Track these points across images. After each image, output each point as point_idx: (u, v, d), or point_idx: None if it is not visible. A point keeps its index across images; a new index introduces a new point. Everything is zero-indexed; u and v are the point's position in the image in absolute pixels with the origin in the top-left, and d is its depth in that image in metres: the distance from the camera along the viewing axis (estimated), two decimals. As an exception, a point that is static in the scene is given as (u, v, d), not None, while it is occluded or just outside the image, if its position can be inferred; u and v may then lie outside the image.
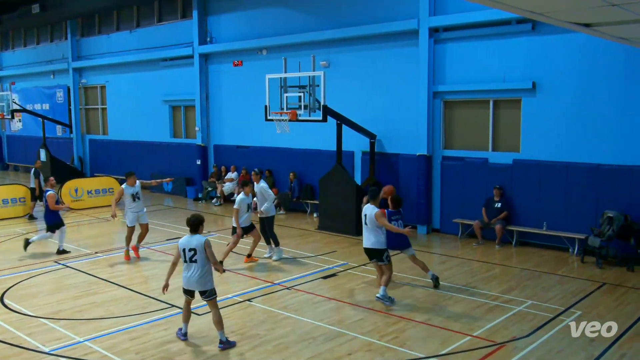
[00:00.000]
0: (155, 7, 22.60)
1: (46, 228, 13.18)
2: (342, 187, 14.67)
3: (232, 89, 20.02)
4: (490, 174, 13.95)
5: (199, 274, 7.67)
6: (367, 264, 11.87)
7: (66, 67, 26.97)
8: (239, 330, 8.29)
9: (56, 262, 12.16)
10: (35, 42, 29.70)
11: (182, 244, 7.75)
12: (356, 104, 16.05)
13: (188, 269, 7.73)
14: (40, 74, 29.15)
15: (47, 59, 28.48)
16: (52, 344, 7.85)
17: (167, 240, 14.22)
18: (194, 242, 7.67)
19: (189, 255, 7.66)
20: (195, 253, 7.63)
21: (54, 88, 28.23)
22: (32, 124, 29.41)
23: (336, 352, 7.56)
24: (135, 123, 24.13)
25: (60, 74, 27.87)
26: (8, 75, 31.48)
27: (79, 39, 26.60)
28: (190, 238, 7.73)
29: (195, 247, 7.63)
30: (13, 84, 30.84)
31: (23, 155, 31.12)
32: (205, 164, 21.15)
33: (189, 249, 7.66)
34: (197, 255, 7.63)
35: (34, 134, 29.08)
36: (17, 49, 31.13)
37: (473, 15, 13.65)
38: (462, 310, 9.15)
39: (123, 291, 10.19)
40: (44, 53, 28.88)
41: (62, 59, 27.39)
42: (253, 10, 18.94)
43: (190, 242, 7.69)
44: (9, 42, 31.72)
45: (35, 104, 29.27)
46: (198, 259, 7.64)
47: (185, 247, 7.68)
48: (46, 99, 28.80)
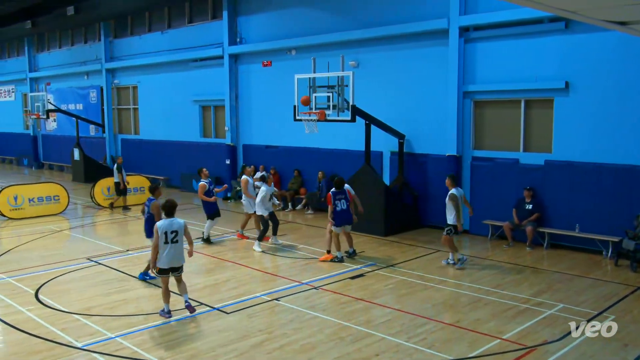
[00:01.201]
0: (186, 8, 22.86)
1: (207, 217, 13.94)
2: (370, 187, 14.63)
3: (261, 89, 20.14)
4: (521, 174, 13.74)
5: (180, 251, 8.77)
6: (396, 264, 11.85)
7: (99, 67, 27.45)
8: (266, 329, 8.33)
9: (89, 259, 12.39)
10: (70, 43, 30.28)
11: (163, 227, 8.64)
12: (385, 104, 15.99)
13: (172, 248, 8.62)
14: (74, 74, 29.71)
15: (81, 60, 29.04)
16: (84, 340, 8.00)
17: (197, 239, 14.35)
18: (175, 225, 8.70)
19: (171, 237, 8.62)
20: (177, 234, 8.67)
21: (87, 88, 28.75)
22: (66, 124, 30.02)
23: (364, 352, 7.54)
24: (166, 123, 24.45)
25: (93, 75, 28.38)
26: (44, 76, 32.18)
27: (112, 40, 27.06)
28: (171, 222, 8.71)
29: (177, 229, 8.68)
30: (48, 85, 31.48)
31: (57, 155, 31.78)
32: (235, 164, 21.30)
33: (170, 231, 8.62)
34: (178, 236, 8.69)
35: (68, 134, 29.67)
36: (52, 50, 31.80)
37: (504, 14, 13.47)
38: (492, 312, 9.03)
39: (153, 288, 10.33)
40: (78, 54, 29.45)
41: (95, 60, 27.89)
42: (282, 11, 19.02)
43: (172, 225, 8.68)
44: (44, 44, 32.42)
45: (70, 104, 29.84)
46: (179, 239, 8.71)
47: (167, 230, 8.61)
48: (80, 99, 29.34)
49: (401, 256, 12.60)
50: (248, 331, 8.27)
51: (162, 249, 8.59)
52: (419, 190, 15.70)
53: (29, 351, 7.63)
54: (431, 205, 15.47)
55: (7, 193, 17.42)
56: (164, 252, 8.59)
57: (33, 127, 33.63)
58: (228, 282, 10.72)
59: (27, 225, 16.35)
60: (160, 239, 8.57)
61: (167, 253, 8.59)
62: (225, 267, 11.81)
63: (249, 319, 8.79)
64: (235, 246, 13.68)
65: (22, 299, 9.80)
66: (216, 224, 14.15)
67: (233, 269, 11.67)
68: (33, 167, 33.52)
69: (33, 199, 17.78)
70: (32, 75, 32.97)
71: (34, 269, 11.69)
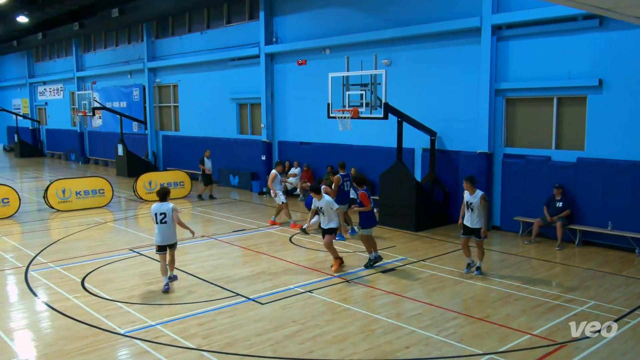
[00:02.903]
0: (224, 9, 23.04)
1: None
2: (402, 183, 14.54)
3: (296, 87, 20.19)
4: (552, 172, 13.46)
5: (169, 231, 9.83)
6: (427, 259, 11.75)
7: (142, 67, 27.92)
8: (299, 320, 8.37)
9: (131, 249, 12.63)
10: (114, 44, 30.84)
11: (154, 209, 9.89)
12: (417, 101, 15.86)
13: (161, 229, 9.77)
14: (118, 73, 30.27)
15: (125, 60, 29.57)
16: (127, 327, 8.16)
17: (234, 232, 14.52)
18: (164, 208, 9.79)
19: (160, 218, 9.75)
20: (165, 216, 9.73)
21: (130, 87, 29.27)
22: (111, 121, 30.64)
23: (394, 345, 7.51)
24: (204, 120, 24.74)
25: (136, 74, 28.87)
26: (90, 75, 32.88)
27: (154, 40, 27.47)
28: (160, 205, 9.86)
29: (165, 211, 9.74)
30: (94, 83, 32.17)
31: (102, 150, 32.49)
32: (270, 160, 21.43)
33: (160, 212, 9.78)
34: (167, 218, 9.73)
35: (113, 130, 30.29)
36: (98, 50, 32.46)
37: (537, 12, 13.18)
38: (522, 308, 8.88)
39: (192, 279, 10.48)
40: (122, 54, 29.99)
41: (138, 59, 28.37)
42: (317, 11, 19.01)
43: (160, 208, 9.82)
44: (90, 45, 33.11)
45: (114, 101, 30.44)
46: (167, 221, 9.74)
47: (157, 212, 9.81)
48: (124, 97, 29.90)
49: (432, 251, 12.49)
50: (282, 321, 8.33)
51: (156, 229, 9.87)
52: (449, 187, 15.53)
53: (76, 336, 7.83)
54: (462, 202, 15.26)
55: (55, 186, 17.88)
56: (156, 231, 9.85)
57: (80, 124, 34.42)
58: (263, 274, 10.80)
59: (74, 217, 16.76)
60: (153, 220, 9.87)
61: (158, 232, 9.81)
62: (260, 260, 11.90)
63: (283, 309, 8.84)
64: (272, 239, 13.77)
65: (69, 286, 10.05)
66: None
67: (268, 261, 11.75)
68: (80, 162, 34.32)
69: (80, 192, 18.20)
70: (80, 75, 33.71)
71: (80, 259, 11.99)
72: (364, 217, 10.87)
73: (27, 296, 9.66)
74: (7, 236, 14.32)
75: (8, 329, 8.17)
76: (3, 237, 14.21)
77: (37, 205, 18.82)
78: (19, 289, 10.10)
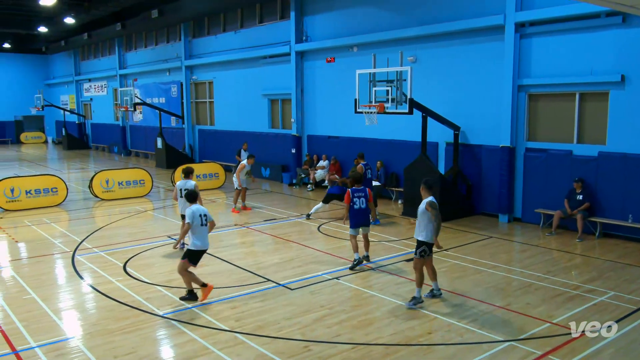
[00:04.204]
0: (257, 9, 23.09)
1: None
2: (425, 176, 14.29)
3: (325, 83, 20.14)
4: (574, 165, 13.17)
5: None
6: (449, 249, 11.65)
7: (179, 65, 28.19)
8: (327, 305, 8.39)
9: (169, 237, 12.82)
10: (154, 43, 31.21)
11: (178, 185, 11.28)
12: (441, 97, 15.67)
13: (184, 202, 10.33)
14: (157, 71, 30.64)
15: (164, 58, 29.90)
16: (165, 309, 8.30)
17: (265, 221, 14.62)
18: (188, 184, 11.03)
19: (184, 192, 10.72)
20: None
21: (169, 84, 29.61)
22: (150, 116, 31.06)
23: (417, 330, 7.48)
24: (238, 115, 24.89)
25: (174, 71, 29.18)
26: (131, 73, 33.36)
27: (191, 39, 27.70)
28: (185, 182, 11.17)
29: (188, 187, 10.70)
30: (135, 81, 32.62)
31: (143, 143, 32.99)
32: (299, 153, 21.47)
33: (184, 188, 10.97)
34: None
35: (152, 124, 30.72)
36: (138, 49, 32.89)
37: (561, 9, 12.87)
38: (542, 297, 8.74)
39: (226, 265, 10.59)
40: (161, 53, 30.34)
41: (176, 57, 28.66)
42: (345, 10, 18.91)
43: (185, 184, 11.13)
44: (132, 44, 33.57)
45: (154, 97, 30.84)
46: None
47: (181, 187, 11.11)
48: (162, 94, 30.27)
49: (454, 241, 12.38)
50: (310, 306, 8.36)
51: (180, 202, 11.20)
52: (472, 180, 15.34)
53: (118, 317, 8.00)
54: (484, 194, 15.11)
55: (100, 177, 18.24)
56: (181, 203, 11.10)
57: (122, 118, 34.98)
58: (293, 261, 10.85)
59: (117, 206, 17.09)
60: (178, 195, 11.19)
61: (182, 204, 11.02)
62: (290, 247, 11.96)
63: (312, 295, 8.88)
64: (301, 228, 13.83)
65: (112, 270, 10.27)
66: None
67: (297, 249, 11.80)
68: (122, 154, 34.92)
69: (122, 183, 18.53)
70: (122, 72, 34.23)
71: (122, 245, 12.22)
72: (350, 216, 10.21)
73: (73, 279, 9.91)
74: (55, 223, 14.68)
75: (57, 309, 8.39)
76: (52, 223, 14.58)
77: (82, 194, 19.24)
78: (67, 272, 10.35)
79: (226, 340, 7.19)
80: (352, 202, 10.04)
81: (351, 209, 10.09)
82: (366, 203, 10.17)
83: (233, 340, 7.18)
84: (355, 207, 10.06)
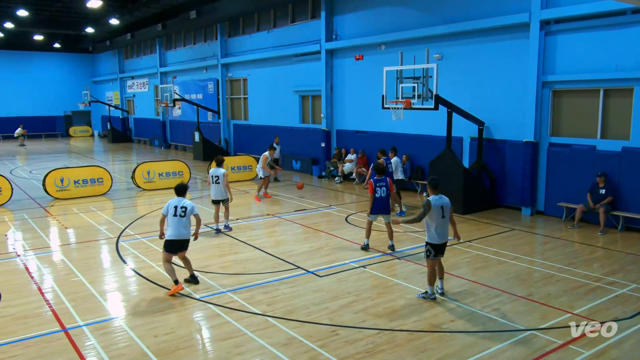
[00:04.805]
0: (289, 10, 23.08)
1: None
2: (450, 170, 14.23)
3: (353, 80, 20.04)
4: (597, 160, 12.82)
5: (220, 190, 11.90)
6: (472, 240, 11.50)
7: (216, 63, 28.43)
8: (353, 292, 8.39)
9: (206, 225, 12.96)
10: (192, 42, 31.51)
11: (211, 173, 11.95)
12: (466, 93, 15.43)
13: (215, 188, 11.86)
14: (195, 69, 30.95)
15: (201, 57, 30.18)
16: (202, 292, 8.43)
17: (295, 211, 14.68)
18: (218, 172, 11.77)
19: (214, 179, 11.85)
20: (219, 178, 11.82)
21: (206, 81, 29.89)
22: (188, 111, 31.43)
23: (440, 318, 7.43)
24: (270, 110, 24.99)
25: (211, 69, 29.43)
26: (171, 71, 33.78)
27: (227, 39, 27.88)
28: (216, 170, 11.85)
29: (219, 175, 11.76)
30: (175, 78, 33.03)
31: (182, 137, 33.43)
32: (329, 147, 21.45)
33: (214, 176, 11.83)
34: (219, 180, 11.81)
35: (190, 119, 31.08)
36: (178, 48, 33.27)
37: (586, 7, 12.50)
38: (564, 288, 8.56)
39: (258, 252, 10.68)
40: (198, 51, 30.62)
41: (212, 56, 28.89)
42: (373, 9, 18.74)
43: (216, 172, 11.81)
44: (172, 43, 33.97)
45: (191, 94, 31.18)
46: (220, 182, 11.82)
47: (212, 175, 11.88)
48: (200, 90, 30.58)
49: (477, 233, 12.21)
50: (338, 293, 8.37)
51: (212, 188, 11.90)
52: (496, 173, 15.08)
53: (158, 299, 8.15)
54: (507, 187, 14.84)
55: (142, 168, 18.56)
56: (212, 189, 11.90)
57: (162, 113, 35.49)
58: (321, 250, 10.87)
59: (157, 196, 17.37)
60: (210, 182, 11.91)
61: (213, 190, 11.91)
62: (319, 237, 11.98)
63: (339, 282, 8.89)
64: (330, 219, 13.84)
65: (152, 256, 10.46)
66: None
67: (326, 238, 11.81)
68: (162, 147, 35.45)
69: (162, 174, 18.83)
70: (162, 70, 34.70)
71: (162, 232, 12.42)
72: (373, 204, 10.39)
73: (117, 263, 10.13)
74: (101, 211, 15.02)
75: (102, 290, 8.60)
76: (98, 211, 14.93)
77: (126, 184, 19.63)
78: (111, 257, 10.60)
79: (258, 323, 7.27)
80: (375, 191, 10.27)
81: (374, 198, 10.33)
82: (387, 192, 10.40)
83: (264, 323, 7.25)
84: (377, 195, 10.31)
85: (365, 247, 10.73)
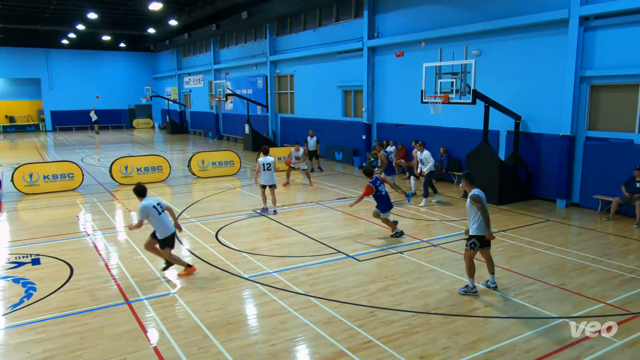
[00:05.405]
0: (333, 10, 22.95)
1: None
2: (487, 162, 13.89)
3: (394, 76, 19.78)
4: (635, 154, 12.22)
5: (270, 175, 12.49)
6: (507, 230, 11.22)
7: (265, 60, 28.62)
8: (391, 276, 8.36)
9: (254, 210, 13.18)
10: (243, 41, 31.82)
11: (261, 161, 12.32)
12: (503, 88, 14.96)
13: (265, 174, 12.46)
14: (246, 66, 31.27)
15: (251, 54, 30.45)
16: (250, 272, 8.59)
17: (337, 199, 14.70)
18: (269, 160, 12.37)
19: (266, 166, 12.42)
20: (270, 165, 12.41)
21: (255, 77, 30.16)
22: (239, 105, 31.83)
23: (474, 303, 7.31)
24: (315, 104, 25.01)
25: (260, 66, 29.66)
26: (223, 67, 34.26)
27: (275, 37, 28.02)
28: (265, 158, 12.46)
29: (270, 162, 12.38)
30: (227, 74, 33.48)
31: (233, 129, 33.93)
32: (369, 139, 21.31)
33: (266, 163, 12.38)
34: (270, 166, 12.45)
35: (241, 113, 31.48)
36: (230, 47, 33.68)
37: (625, 2, 11.86)
38: (597, 279, 8.25)
39: (302, 237, 10.76)
40: (249, 49, 30.91)
41: (262, 54, 29.10)
42: (414, 8, 18.39)
43: (266, 160, 12.40)
44: (225, 42, 34.42)
45: (242, 89, 31.54)
46: (271, 168, 12.48)
47: (263, 162, 12.33)
48: (250, 85, 30.89)
49: (512, 223, 11.90)
50: (376, 277, 8.37)
51: (262, 174, 12.42)
52: (532, 166, 14.62)
53: (211, 278, 8.37)
54: (543, 180, 14.37)
55: (197, 158, 18.98)
56: (262, 175, 12.40)
57: (216, 107, 36.08)
58: (361, 236, 10.86)
59: (210, 183, 17.74)
60: (261, 169, 12.36)
61: (263, 175, 12.41)
62: (359, 224, 11.97)
63: (377, 266, 8.87)
64: (369, 207, 13.77)
65: (206, 238, 10.71)
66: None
67: (366, 225, 11.79)
68: (215, 139, 36.09)
69: (215, 163, 19.20)
70: (216, 67, 35.23)
71: (215, 216, 12.70)
72: (380, 203, 10.51)
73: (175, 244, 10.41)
74: (160, 196, 15.46)
75: (161, 268, 8.88)
76: (158, 196, 15.39)
77: (182, 172, 20.12)
78: (169, 238, 10.90)
79: (301, 302, 7.35)
80: (379, 191, 10.44)
81: (380, 197, 10.46)
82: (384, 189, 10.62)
83: (307, 303, 7.32)
84: (383, 194, 10.46)
85: (399, 234, 10.66)
